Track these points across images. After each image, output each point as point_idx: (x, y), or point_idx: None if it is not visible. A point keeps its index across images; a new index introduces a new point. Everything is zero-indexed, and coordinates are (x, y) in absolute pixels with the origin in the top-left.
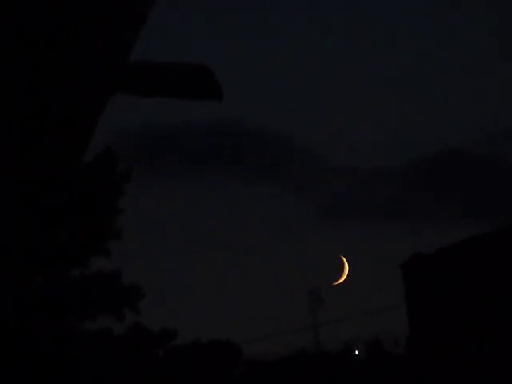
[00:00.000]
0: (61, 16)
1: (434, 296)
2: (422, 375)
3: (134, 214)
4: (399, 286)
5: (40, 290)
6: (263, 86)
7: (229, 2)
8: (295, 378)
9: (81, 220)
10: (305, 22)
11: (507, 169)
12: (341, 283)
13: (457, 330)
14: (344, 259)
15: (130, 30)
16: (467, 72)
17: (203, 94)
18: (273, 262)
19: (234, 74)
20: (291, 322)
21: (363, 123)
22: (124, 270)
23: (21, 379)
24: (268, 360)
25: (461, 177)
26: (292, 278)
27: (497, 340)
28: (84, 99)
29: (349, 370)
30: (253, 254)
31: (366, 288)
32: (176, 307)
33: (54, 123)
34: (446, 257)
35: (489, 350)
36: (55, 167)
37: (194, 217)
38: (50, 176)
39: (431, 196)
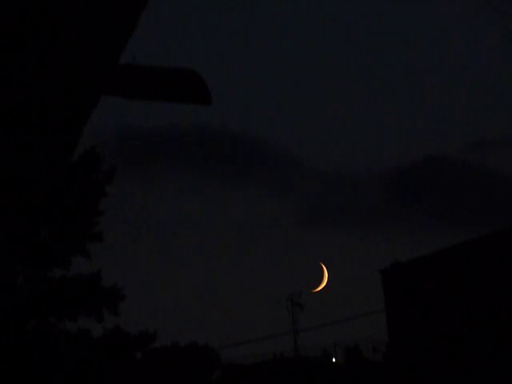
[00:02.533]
0: (58, 18)
1: (413, 303)
2: (400, 381)
3: (112, 218)
4: (379, 292)
5: (21, 290)
6: (249, 90)
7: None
8: (273, 383)
9: (63, 220)
10: (295, 26)
11: (489, 178)
12: (320, 290)
13: (435, 336)
14: (323, 266)
15: (123, 32)
16: (456, 80)
17: (192, 98)
18: (253, 267)
19: (220, 79)
20: (271, 327)
21: (349, 130)
22: (105, 273)
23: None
24: (246, 364)
25: (442, 184)
26: (272, 284)
27: (475, 346)
28: (78, 101)
29: (327, 375)
30: (233, 259)
31: (347, 294)
32: (155, 310)
33: (48, 124)
34: (425, 265)
35: (467, 356)
36: (47, 167)
37: (175, 221)
38: (43, 176)
39: (414, 203)
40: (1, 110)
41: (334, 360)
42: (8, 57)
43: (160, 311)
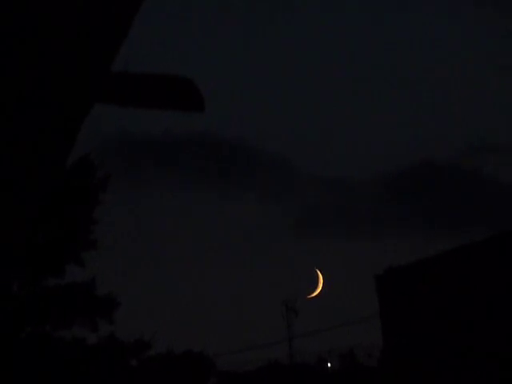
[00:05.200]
0: (46, 21)
1: (408, 308)
2: None
3: (107, 224)
4: (374, 298)
5: (16, 297)
6: (241, 95)
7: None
8: None
9: (57, 228)
10: (286, 32)
11: (486, 183)
12: (315, 296)
13: (430, 341)
14: (319, 272)
15: (116, 37)
16: (454, 83)
17: (185, 105)
18: (247, 272)
19: (217, 84)
20: (266, 334)
21: (342, 134)
22: (99, 281)
23: None
24: (241, 371)
25: (439, 189)
26: (267, 290)
27: (471, 351)
28: (70, 107)
29: (322, 381)
30: (227, 265)
31: (342, 300)
32: (150, 318)
33: (40, 128)
34: (420, 270)
35: (463, 361)
36: (39, 174)
37: (170, 227)
38: (36, 181)
39: (408, 209)
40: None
41: (329, 365)
42: (8, 58)
43: (154, 318)
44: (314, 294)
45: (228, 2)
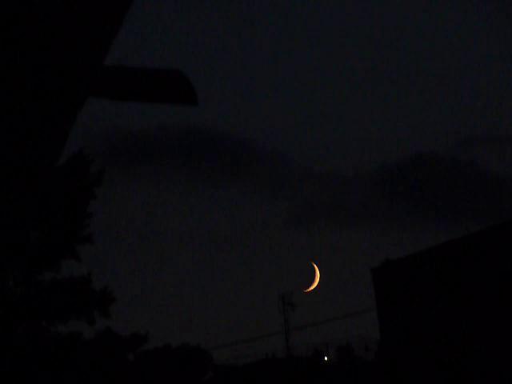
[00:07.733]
0: (44, 18)
1: (404, 300)
2: (392, 379)
3: (103, 221)
4: (370, 293)
5: (12, 293)
6: (241, 95)
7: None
8: (265, 383)
9: (52, 223)
10: (286, 32)
11: (478, 174)
12: (312, 290)
13: (427, 334)
14: (315, 266)
15: (108, 32)
16: (445, 78)
17: (178, 99)
18: (244, 267)
19: (211, 79)
20: (263, 327)
21: (337, 129)
22: (95, 275)
23: None
24: (238, 364)
25: (432, 182)
26: (264, 285)
27: (467, 344)
28: (63, 102)
29: (319, 374)
30: (224, 260)
31: (339, 293)
32: (147, 312)
33: (33, 126)
34: (416, 262)
35: (458, 354)
36: (33, 170)
37: (165, 221)
38: (29, 175)
39: (403, 201)
40: None
41: (326, 358)
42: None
43: (151, 313)
44: (311, 287)
45: (228, 2)
